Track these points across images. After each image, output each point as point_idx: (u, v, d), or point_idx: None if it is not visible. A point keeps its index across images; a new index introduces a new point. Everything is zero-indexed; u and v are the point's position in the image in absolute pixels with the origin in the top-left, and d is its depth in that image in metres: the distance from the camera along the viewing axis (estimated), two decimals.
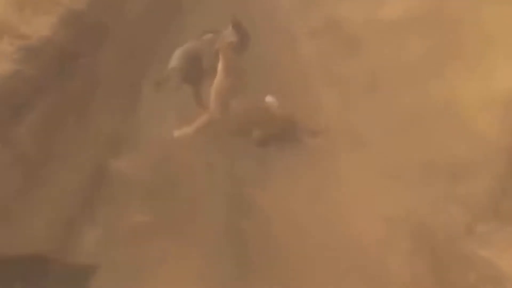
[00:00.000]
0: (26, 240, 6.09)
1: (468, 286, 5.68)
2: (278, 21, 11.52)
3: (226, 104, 8.11)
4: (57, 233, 6.27)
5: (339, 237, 6.39)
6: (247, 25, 8.60)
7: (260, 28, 10.27)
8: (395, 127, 7.73)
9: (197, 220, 6.56)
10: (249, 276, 5.94)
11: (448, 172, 6.81)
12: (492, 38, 8.30)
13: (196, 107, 8.43)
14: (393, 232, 6.29)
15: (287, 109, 8.22)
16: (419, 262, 5.99)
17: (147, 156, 7.53)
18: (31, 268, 5.85)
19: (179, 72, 8.36)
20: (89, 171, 7.31)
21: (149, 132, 8.02)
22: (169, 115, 8.29)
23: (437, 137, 7.43)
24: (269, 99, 8.21)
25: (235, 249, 6.23)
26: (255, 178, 7.25)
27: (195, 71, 8.38)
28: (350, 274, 5.95)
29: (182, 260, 6.00)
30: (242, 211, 6.72)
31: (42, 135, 7.85)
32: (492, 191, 6.42)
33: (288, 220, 6.62)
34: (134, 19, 11.46)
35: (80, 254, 6.09)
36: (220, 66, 8.17)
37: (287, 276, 5.94)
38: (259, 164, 7.50)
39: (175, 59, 8.42)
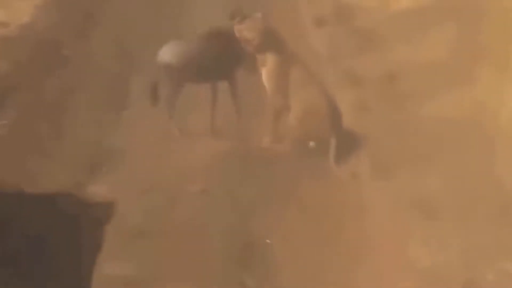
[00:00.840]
0: None
1: None
2: (283, 8, 9.69)
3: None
4: None
5: None
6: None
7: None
8: (423, 145, 6.26)
9: (188, 272, 5.02)
10: None
11: (496, 207, 5.30)
12: None
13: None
14: None
15: None
16: None
17: (131, 181, 5.94)
18: None
19: (178, 70, 6.52)
20: None
21: (136, 148, 6.42)
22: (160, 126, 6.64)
23: (475, 157, 5.93)
24: None
25: None
26: (259, 209, 5.70)
27: (203, 68, 6.61)
28: None
29: None
30: (245, 259, 5.17)
31: (11, 148, 6.29)
32: None
33: (300, 267, 5.16)
34: (125, 5, 9.65)
35: None
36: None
37: None
38: (265, 189, 5.92)
39: (169, 54, 6.59)
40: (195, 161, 6.18)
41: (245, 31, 6.42)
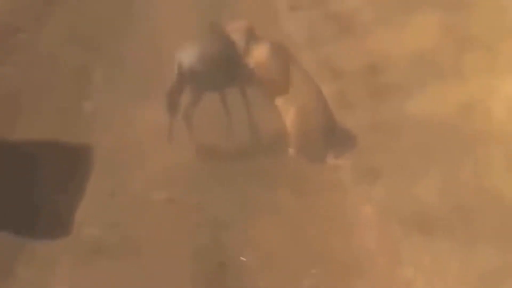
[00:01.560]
0: None
1: None
2: None
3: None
4: None
5: None
6: None
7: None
8: (410, 146, 5.56)
9: None
10: None
11: (496, 222, 4.67)
12: None
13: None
14: None
15: None
16: None
17: (91, 185, 5.13)
18: None
19: (201, 75, 5.59)
20: None
21: (97, 145, 5.62)
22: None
23: (468, 161, 5.26)
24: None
25: None
26: (232, 222, 4.91)
27: (222, 74, 5.71)
28: None
29: None
30: (217, 280, 4.42)
31: None
32: None
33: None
34: None
35: None
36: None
37: None
38: (238, 200, 5.15)
39: (191, 58, 5.61)
40: (163, 168, 5.39)
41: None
